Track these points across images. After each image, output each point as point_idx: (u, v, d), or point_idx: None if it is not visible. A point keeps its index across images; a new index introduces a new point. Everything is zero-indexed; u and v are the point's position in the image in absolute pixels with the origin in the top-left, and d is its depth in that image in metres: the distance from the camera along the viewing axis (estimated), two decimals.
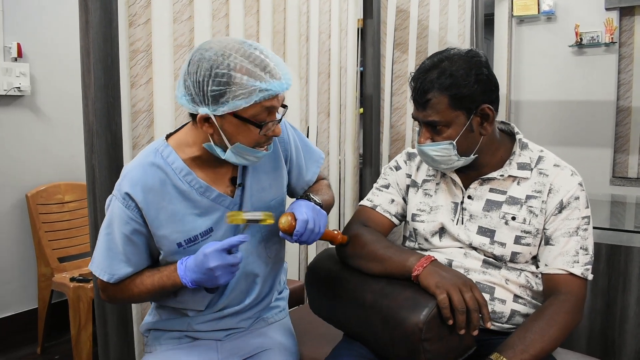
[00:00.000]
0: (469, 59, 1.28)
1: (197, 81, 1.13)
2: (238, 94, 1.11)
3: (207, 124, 1.17)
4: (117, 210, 1.22)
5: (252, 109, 1.14)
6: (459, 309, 1.12)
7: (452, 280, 1.15)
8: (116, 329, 1.62)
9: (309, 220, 1.21)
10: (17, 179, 2.74)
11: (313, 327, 1.63)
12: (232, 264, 1.19)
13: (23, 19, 2.72)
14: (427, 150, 1.32)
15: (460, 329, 1.12)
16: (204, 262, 1.17)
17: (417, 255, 1.23)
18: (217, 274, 1.18)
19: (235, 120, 1.15)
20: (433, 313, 1.12)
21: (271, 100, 1.16)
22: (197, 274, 1.20)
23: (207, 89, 1.12)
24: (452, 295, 1.13)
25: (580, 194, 1.31)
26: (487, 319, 1.14)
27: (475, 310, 1.12)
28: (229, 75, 1.11)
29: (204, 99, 1.13)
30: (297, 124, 2.41)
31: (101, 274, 1.25)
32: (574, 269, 1.26)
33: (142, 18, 1.73)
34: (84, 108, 1.56)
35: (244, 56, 1.13)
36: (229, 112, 1.13)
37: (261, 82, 1.12)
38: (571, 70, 3.91)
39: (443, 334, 1.13)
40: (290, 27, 2.33)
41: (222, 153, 1.21)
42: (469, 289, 1.14)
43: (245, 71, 1.11)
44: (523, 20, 4.01)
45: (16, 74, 2.67)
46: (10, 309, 2.78)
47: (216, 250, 1.17)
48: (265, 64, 1.14)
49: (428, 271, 1.18)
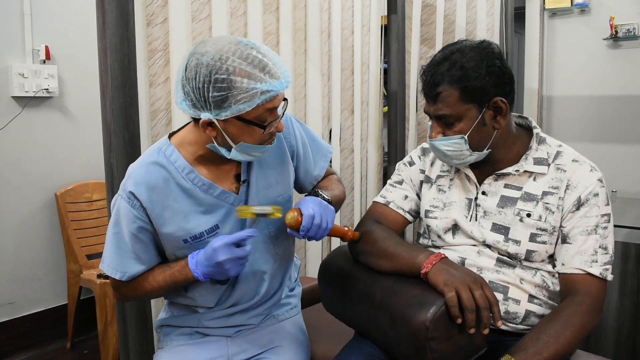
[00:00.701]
0: (480, 50, 1.24)
1: (196, 87, 1.12)
2: (240, 98, 1.10)
3: (211, 128, 1.17)
4: (123, 210, 1.24)
5: (254, 111, 1.13)
6: (468, 307, 1.08)
7: (461, 277, 1.12)
8: (135, 325, 1.64)
9: (315, 215, 1.19)
10: (47, 178, 2.80)
11: (327, 325, 1.62)
12: (240, 257, 1.19)
13: (51, 22, 2.78)
14: (439, 145, 1.29)
15: (470, 328, 1.08)
16: (213, 256, 1.18)
17: (427, 253, 1.20)
18: (226, 267, 1.19)
19: (239, 123, 1.15)
20: (441, 311, 1.09)
21: (273, 101, 1.15)
22: (207, 268, 1.21)
23: (208, 95, 1.11)
24: (461, 292, 1.09)
25: (600, 190, 1.25)
26: (497, 318, 1.10)
27: (485, 308, 1.08)
28: (229, 80, 1.10)
29: (206, 105, 1.13)
30: (319, 121, 2.40)
31: (113, 272, 1.26)
32: (592, 269, 1.21)
33: (160, 17, 1.74)
34: (102, 107, 1.59)
35: (242, 58, 1.11)
36: (232, 116, 1.13)
37: (262, 83, 1.11)
38: (606, 65, 3.78)
39: (451, 333, 1.10)
40: (312, 24, 2.32)
41: (227, 153, 1.21)
42: (479, 287, 1.10)
43: (245, 74, 1.10)
44: (555, 13, 3.90)
45: (44, 76, 2.73)
46: (41, 305, 2.85)
47: (225, 244, 1.18)
48: (264, 64, 1.12)
49: (437, 268, 1.16)
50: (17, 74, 2.64)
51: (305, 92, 2.35)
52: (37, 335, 2.82)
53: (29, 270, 2.79)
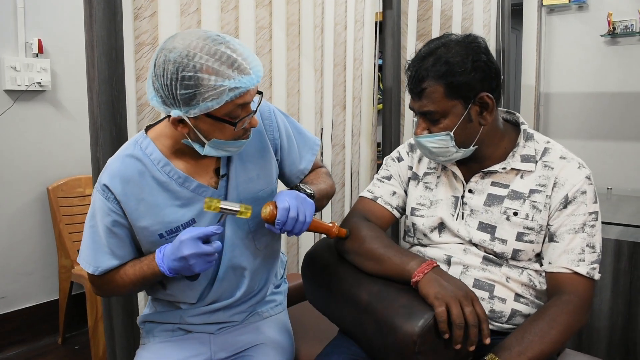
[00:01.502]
0: (466, 44, 1.22)
1: (165, 84, 1.10)
2: (207, 95, 1.08)
3: (182, 125, 1.15)
4: (98, 202, 1.22)
5: (224, 108, 1.11)
6: (457, 324, 1.06)
7: (452, 292, 1.09)
8: (122, 319, 1.63)
9: (290, 208, 1.16)
10: (39, 172, 2.79)
11: (313, 323, 1.60)
12: (207, 254, 1.15)
13: (43, 15, 2.76)
14: (424, 142, 1.27)
15: (457, 344, 1.06)
16: (179, 250, 1.15)
17: (418, 260, 1.18)
18: (191, 262, 1.14)
19: (209, 120, 1.12)
20: (429, 325, 1.07)
21: (243, 97, 1.12)
22: (173, 262, 1.17)
23: (176, 92, 1.09)
24: (451, 308, 1.07)
25: (588, 188, 1.23)
26: (485, 336, 1.08)
27: (474, 325, 1.07)
28: (196, 77, 1.07)
29: (175, 102, 1.11)
30: (312, 116, 2.38)
31: (87, 266, 1.25)
32: (579, 268, 1.19)
33: (148, 11, 1.72)
34: (89, 101, 1.57)
35: (210, 54, 1.08)
36: (200, 113, 1.10)
37: (230, 80, 1.08)
38: (604, 61, 3.76)
39: (437, 348, 1.08)
40: (305, 19, 2.30)
41: (200, 149, 1.19)
42: (469, 303, 1.08)
43: (212, 71, 1.07)
44: (553, 9, 3.88)
45: (37, 70, 2.71)
46: (32, 300, 2.83)
47: (191, 238, 1.14)
48: (233, 60, 1.09)
49: (428, 279, 1.13)
50: (10, 67, 2.62)
51: (298, 88, 2.33)
52: (28, 330, 2.81)
53: (21, 265, 2.77)
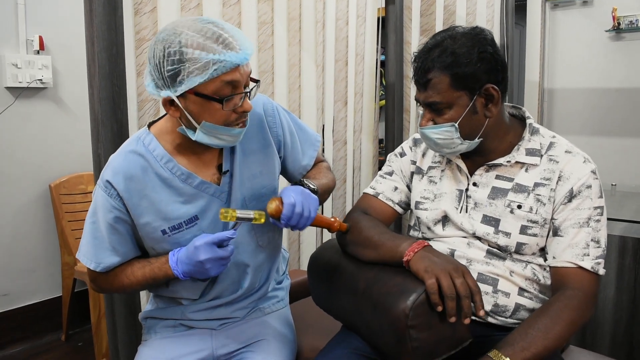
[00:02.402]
0: (472, 36, 1.21)
1: (155, 65, 1.11)
2: (192, 69, 1.08)
3: (173, 108, 1.15)
4: (100, 199, 1.22)
5: (211, 84, 1.10)
6: (448, 295, 1.05)
7: (442, 265, 1.09)
8: (124, 316, 1.63)
9: (296, 203, 1.16)
10: (41, 169, 2.78)
11: (316, 319, 1.60)
12: (222, 257, 1.17)
13: (44, 12, 2.76)
14: (429, 133, 1.26)
15: (450, 317, 1.05)
16: (195, 255, 1.17)
17: (410, 241, 1.18)
18: (207, 266, 1.17)
19: (197, 99, 1.12)
20: (421, 299, 1.07)
21: (231, 74, 1.10)
22: (188, 266, 1.19)
23: (163, 70, 1.09)
24: (441, 280, 1.06)
25: (593, 182, 1.22)
26: (479, 307, 1.07)
27: (466, 296, 1.05)
28: (180, 52, 1.08)
29: (164, 82, 1.11)
30: (313, 112, 2.37)
31: (88, 262, 1.25)
32: (584, 262, 1.18)
33: (148, 6, 1.71)
34: (90, 97, 1.57)
35: (196, 31, 1.09)
36: (187, 90, 1.10)
37: (214, 54, 1.07)
38: (609, 57, 3.73)
39: (432, 322, 1.07)
40: (306, 14, 2.29)
41: (193, 135, 1.18)
42: (460, 275, 1.07)
43: (196, 45, 1.07)
44: (557, 4, 3.85)
45: (38, 67, 2.70)
46: (35, 297, 2.84)
47: (206, 243, 1.16)
48: (219, 35, 1.09)
49: (419, 256, 1.13)
50: (11, 64, 2.61)
51: (300, 83, 2.32)
52: (32, 327, 2.81)
53: (24, 262, 2.77)
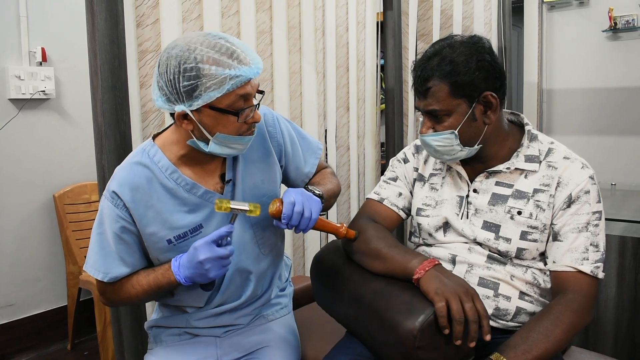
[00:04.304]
0: (471, 45, 1.24)
1: (168, 80, 1.13)
2: (209, 85, 1.11)
3: (186, 121, 1.17)
4: (107, 210, 1.24)
5: (226, 98, 1.13)
6: (456, 319, 1.07)
7: (453, 288, 1.10)
8: (130, 324, 1.64)
9: (296, 202, 1.18)
10: (45, 180, 2.81)
11: (320, 325, 1.61)
12: (221, 257, 1.17)
13: (47, 24, 2.78)
14: (429, 141, 1.29)
15: (457, 340, 1.07)
16: (194, 256, 1.17)
17: (420, 258, 1.19)
18: (206, 267, 1.16)
19: (212, 112, 1.15)
20: (429, 320, 1.08)
21: (244, 87, 1.14)
22: (189, 270, 1.19)
23: (179, 86, 1.12)
24: (451, 303, 1.08)
25: (591, 187, 1.24)
26: (485, 332, 1.09)
27: (474, 321, 1.07)
28: (197, 68, 1.11)
29: (178, 97, 1.13)
30: (314, 119, 2.39)
31: (95, 273, 1.26)
32: (583, 267, 1.20)
33: (150, 18, 1.73)
34: (93, 109, 1.58)
35: (210, 47, 1.12)
36: (203, 104, 1.13)
37: (230, 69, 1.11)
38: (606, 57, 3.76)
39: (438, 343, 1.09)
40: (306, 22, 2.31)
41: (205, 147, 1.20)
42: (469, 299, 1.09)
43: (212, 61, 1.11)
44: (554, 6, 3.88)
45: (41, 78, 2.73)
46: (41, 306, 2.86)
47: (205, 242, 1.17)
48: (232, 51, 1.13)
49: (429, 275, 1.14)
50: (14, 76, 2.64)
51: (301, 90, 2.34)
52: (38, 336, 2.83)
53: (29, 272, 2.79)
